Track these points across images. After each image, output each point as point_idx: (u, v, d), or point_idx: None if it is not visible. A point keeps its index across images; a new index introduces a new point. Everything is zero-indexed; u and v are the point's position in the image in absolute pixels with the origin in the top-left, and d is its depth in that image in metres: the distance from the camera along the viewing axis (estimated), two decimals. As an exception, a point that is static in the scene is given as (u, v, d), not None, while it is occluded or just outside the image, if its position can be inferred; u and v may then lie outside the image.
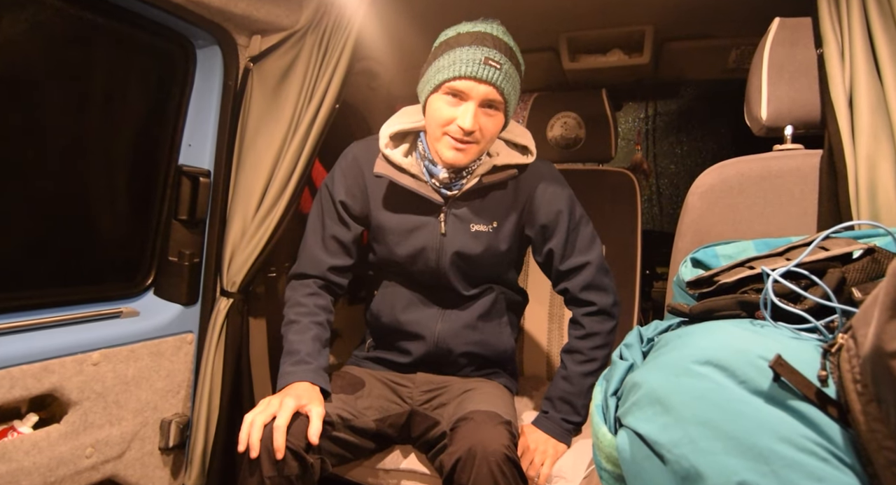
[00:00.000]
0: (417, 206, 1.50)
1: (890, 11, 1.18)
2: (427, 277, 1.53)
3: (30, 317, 1.39)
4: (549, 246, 1.54)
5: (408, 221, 1.50)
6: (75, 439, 1.43)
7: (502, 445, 1.23)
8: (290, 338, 1.46)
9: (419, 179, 1.48)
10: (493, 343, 1.58)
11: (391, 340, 1.59)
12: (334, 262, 1.54)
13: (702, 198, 1.31)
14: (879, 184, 1.11)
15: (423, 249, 1.50)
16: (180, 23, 1.59)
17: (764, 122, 1.29)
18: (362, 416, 1.42)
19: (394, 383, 1.56)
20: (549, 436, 1.46)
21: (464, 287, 1.54)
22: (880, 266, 0.86)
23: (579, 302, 1.55)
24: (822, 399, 0.64)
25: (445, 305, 1.56)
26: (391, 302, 1.57)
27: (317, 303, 1.52)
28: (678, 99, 3.16)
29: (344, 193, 1.53)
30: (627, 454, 0.78)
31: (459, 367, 1.58)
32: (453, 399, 1.47)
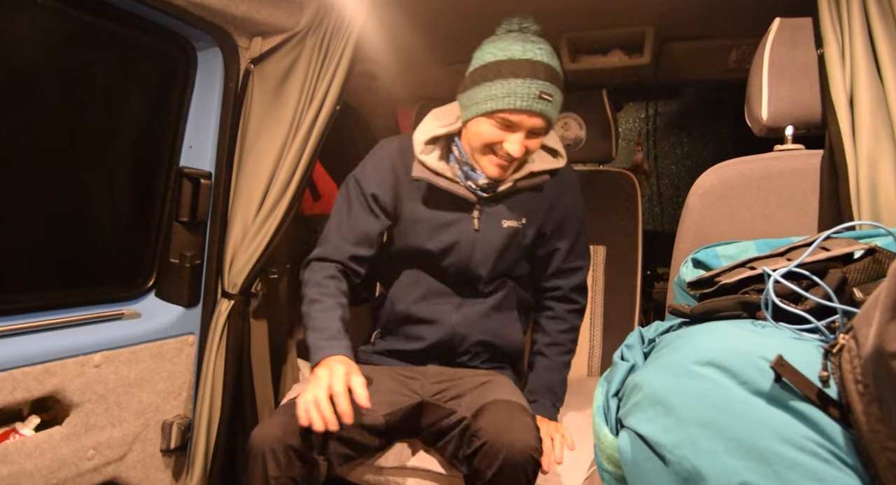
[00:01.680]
0: (452, 203, 1.56)
1: (890, 11, 1.18)
2: (454, 270, 1.58)
3: (31, 319, 1.39)
4: (557, 245, 1.65)
5: (441, 217, 1.56)
6: (77, 441, 1.43)
7: (529, 446, 1.24)
8: (315, 315, 1.45)
9: (454, 181, 1.54)
10: (507, 335, 1.63)
11: (404, 329, 1.62)
12: (357, 251, 1.57)
13: (702, 198, 1.31)
14: (880, 184, 1.11)
15: (455, 244, 1.56)
16: (181, 25, 1.59)
17: (764, 122, 1.29)
18: (371, 412, 1.41)
19: (403, 377, 1.57)
20: (549, 420, 1.52)
21: (485, 281, 1.60)
22: (881, 266, 0.86)
23: (567, 300, 1.69)
24: (823, 400, 0.64)
25: (463, 296, 1.61)
26: (408, 291, 1.61)
27: (338, 286, 1.53)
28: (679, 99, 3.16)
29: (375, 186, 1.57)
30: (629, 455, 0.78)
31: (472, 356, 1.61)
32: (470, 391, 1.48)
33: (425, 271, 1.61)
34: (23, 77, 1.40)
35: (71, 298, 1.52)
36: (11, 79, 1.37)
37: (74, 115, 1.54)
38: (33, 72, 1.42)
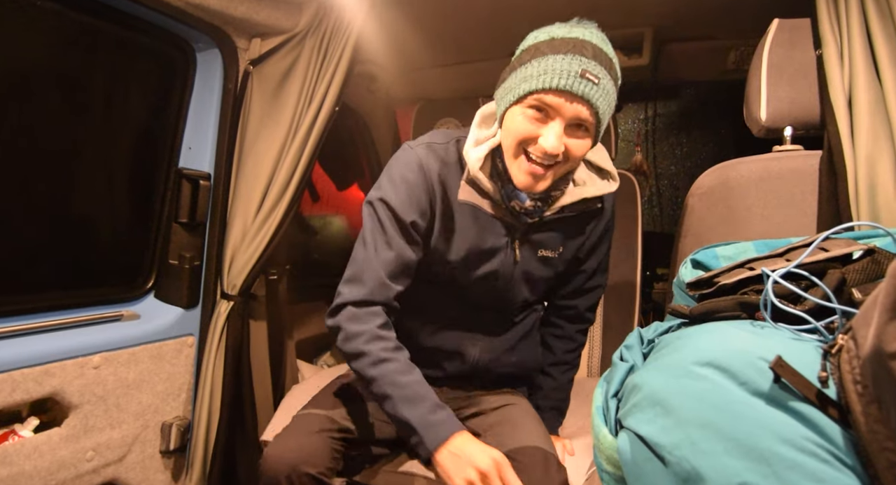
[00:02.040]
0: (493, 229, 1.34)
1: (889, 12, 1.18)
2: (488, 300, 1.42)
3: (31, 320, 1.39)
4: (585, 267, 1.49)
5: (481, 245, 1.34)
6: (76, 442, 1.43)
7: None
8: (399, 380, 1.20)
9: (498, 202, 1.31)
10: (530, 364, 1.54)
11: (421, 356, 1.33)
12: (398, 287, 1.30)
13: (702, 199, 1.31)
14: (879, 184, 1.11)
15: (493, 273, 1.37)
16: (180, 26, 1.59)
17: (763, 123, 1.29)
18: (386, 425, 1.38)
19: None
20: (552, 435, 1.49)
21: (516, 310, 1.48)
22: (880, 267, 0.86)
23: (580, 319, 1.56)
24: (822, 400, 0.64)
25: (489, 326, 1.47)
26: (430, 319, 1.44)
27: (395, 338, 1.28)
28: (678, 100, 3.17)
29: (413, 212, 1.29)
30: (628, 456, 0.78)
31: (492, 384, 1.53)
32: (489, 411, 1.44)
33: (452, 299, 1.42)
34: (22, 79, 1.40)
35: (70, 299, 1.52)
36: (11, 80, 1.37)
37: (74, 116, 1.54)
38: (33, 73, 1.42)
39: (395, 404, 1.18)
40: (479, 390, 1.52)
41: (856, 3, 1.20)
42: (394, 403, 1.19)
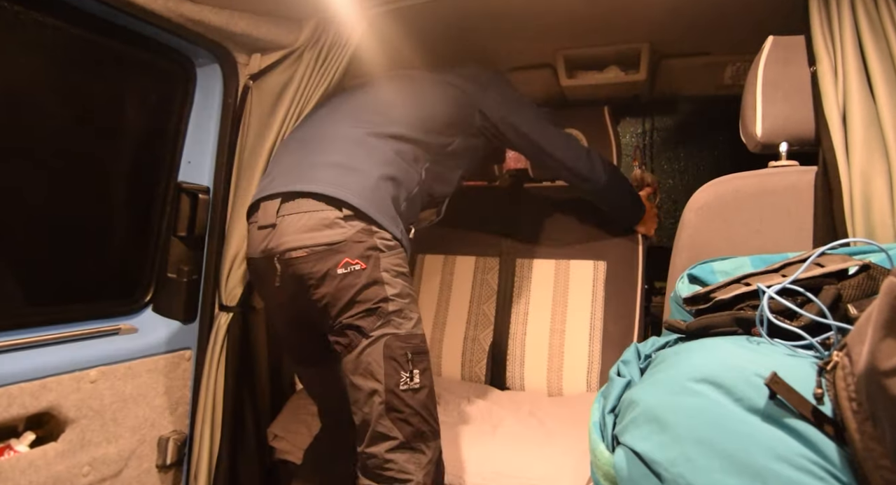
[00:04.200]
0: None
1: (882, 30, 1.19)
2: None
3: (28, 335, 1.39)
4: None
5: None
6: (72, 457, 1.42)
7: None
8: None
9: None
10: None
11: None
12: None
13: (698, 214, 1.32)
14: (874, 200, 1.12)
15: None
16: (181, 42, 1.60)
17: (759, 138, 1.30)
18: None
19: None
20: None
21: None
22: (876, 283, 0.86)
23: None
24: (818, 417, 0.64)
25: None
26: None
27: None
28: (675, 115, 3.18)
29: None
30: (625, 473, 0.78)
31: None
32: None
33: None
34: (23, 94, 1.41)
35: (68, 313, 1.52)
36: (12, 95, 1.38)
37: (74, 130, 1.54)
38: (34, 88, 1.43)
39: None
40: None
41: (849, 22, 1.22)
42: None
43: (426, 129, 1.55)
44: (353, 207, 1.32)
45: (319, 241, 1.30)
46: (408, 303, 1.36)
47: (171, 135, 1.72)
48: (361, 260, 1.30)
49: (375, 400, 1.28)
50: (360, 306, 1.29)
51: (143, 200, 1.71)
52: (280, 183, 1.40)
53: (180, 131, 1.73)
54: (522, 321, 2.10)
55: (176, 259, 1.71)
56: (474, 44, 1.98)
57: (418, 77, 1.70)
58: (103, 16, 1.44)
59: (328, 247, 1.29)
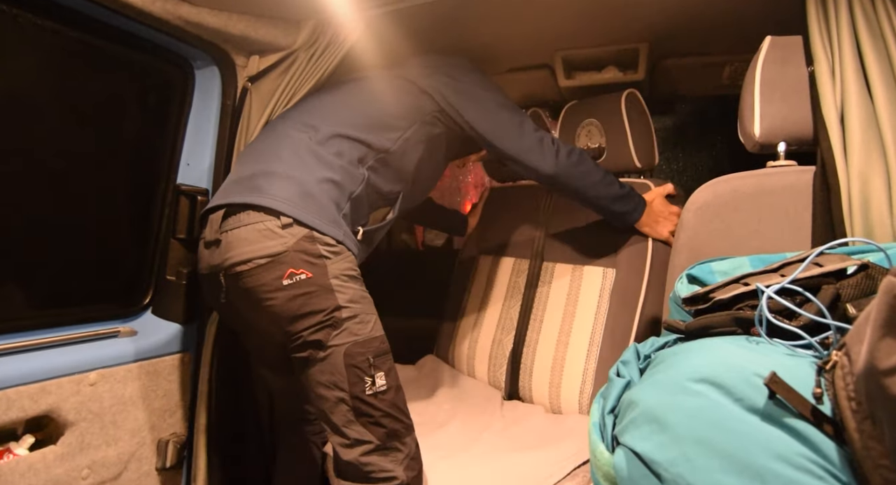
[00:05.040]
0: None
1: (879, 31, 1.19)
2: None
3: (27, 338, 1.38)
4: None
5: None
6: (72, 460, 1.42)
7: None
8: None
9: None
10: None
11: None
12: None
13: (696, 214, 1.32)
14: (872, 200, 1.12)
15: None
16: (179, 44, 1.60)
17: (757, 138, 1.30)
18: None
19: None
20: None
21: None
22: (874, 282, 0.86)
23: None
24: (817, 417, 0.65)
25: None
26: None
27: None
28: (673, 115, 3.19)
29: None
30: (625, 473, 0.78)
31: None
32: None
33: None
34: (21, 97, 1.41)
35: (67, 316, 1.52)
36: (9, 99, 1.38)
37: (72, 133, 1.54)
38: (31, 91, 1.43)
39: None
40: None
41: (847, 22, 1.22)
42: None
43: (370, 126, 1.52)
44: (290, 215, 1.30)
45: (261, 253, 1.28)
46: (362, 306, 1.35)
47: (170, 137, 1.72)
48: (306, 269, 1.28)
49: (343, 408, 1.29)
50: (312, 318, 1.28)
51: (141, 203, 1.71)
52: (224, 195, 1.40)
53: (179, 133, 1.73)
54: (538, 329, 1.95)
55: (175, 261, 1.71)
56: (472, 45, 1.98)
57: (371, 76, 1.69)
58: (101, 18, 1.44)
59: (270, 258, 1.27)
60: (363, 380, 1.29)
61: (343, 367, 1.28)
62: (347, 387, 1.28)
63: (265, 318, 1.31)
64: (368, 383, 1.29)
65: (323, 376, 1.30)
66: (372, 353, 1.31)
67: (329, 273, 1.30)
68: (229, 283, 1.34)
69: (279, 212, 1.30)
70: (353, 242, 1.41)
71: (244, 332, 1.54)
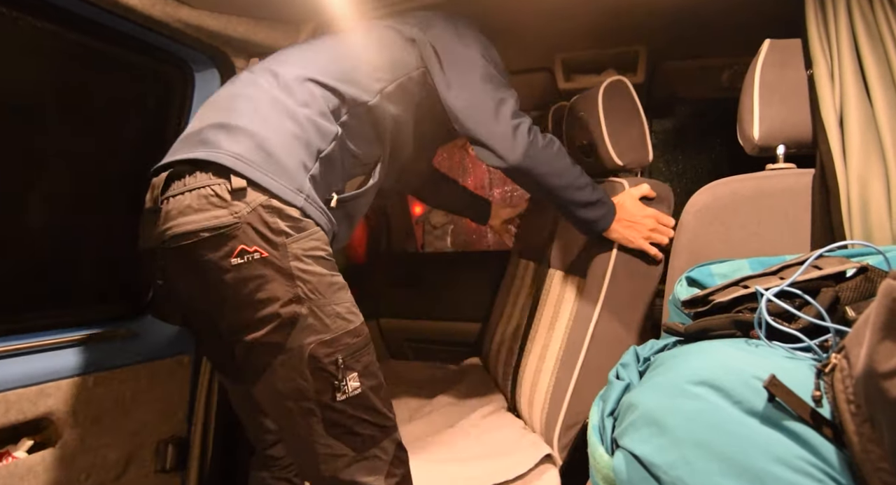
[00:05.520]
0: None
1: (878, 33, 1.20)
2: None
3: (27, 340, 1.38)
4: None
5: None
6: (71, 462, 1.42)
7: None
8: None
9: None
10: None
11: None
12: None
13: (696, 217, 1.32)
14: (871, 203, 1.12)
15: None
16: (179, 47, 1.60)
17: (756, 141, 1.30)
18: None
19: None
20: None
21: None
22: (873, 285, 0.86)
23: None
24: (816, 420, 0.65)
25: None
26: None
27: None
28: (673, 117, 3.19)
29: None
30: (624, 476, 0.78)
31: None
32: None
33: None
34: (20, 99, 1.41)
35: (66, 318, 1.52)
36: (8, 101, 1.38)
37: (71, 135, 1.54)
38: (31, 93, 1.43)
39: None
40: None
41: (845, 25, 1.22)
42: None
43: (346, 75, 1.29)
44: (244, 176, 1.06)
45: (205, 224, 1.04)
46: (331, 296, 1.12)
47: (170, 139, 1.71)
48: (261, 247, 1.05)
49: (311, 421, 1.10)
50: (264, 308, 1.06)
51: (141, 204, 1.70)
52: (170, 154, 1.19)
53: (179, 136, 1.72)
54: (531, 339, 1.80)
55: (174, 264, 1.71)
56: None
57: (358, 27, 1.48)
58: (102, 21, 1.44)
59: (217, 231, 1.04)
60: (332, 385, 1.09)
61: (308, 372, 1.08)
62: (314, 395, 1.08)
63: (209, 304, 1.11)
64: (337, 387, 1.09)
65: (282, 384, 1.09)
66: (342, 351, 1.10)
67: (290, 253, 1.07)
68: (167, 260, 1.11)
69: (230, 170, 1.06)
70: (322, 214, 1.17)
71: (190, 317, 1.32)
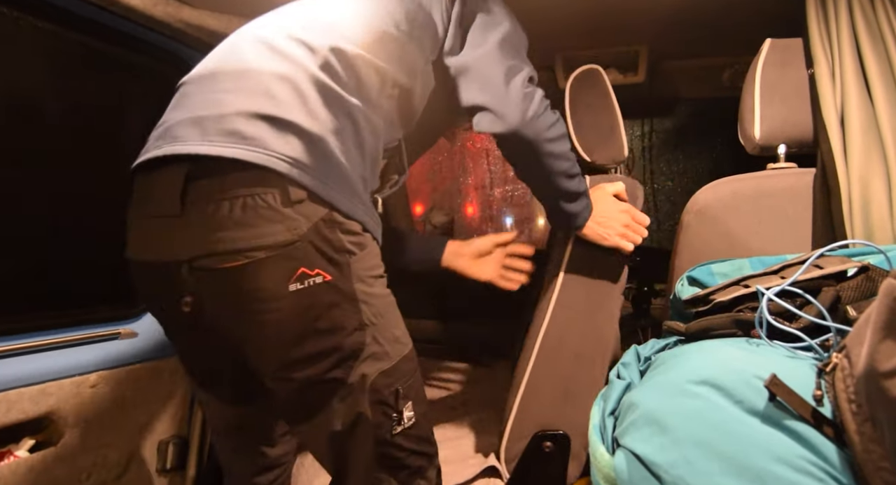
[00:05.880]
0: None
1: (878, 32, 1.20)
2: None
3: (27, 340, 1.38)
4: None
5: None
6: (72, 462, 1.42)
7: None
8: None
9: None
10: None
11: None
12: None
13: (697, 216, 1.32)
14: (873, 202, 1.12)
15: None
16: (178, 46, 1.60)
17: (757, 141, 1.30)
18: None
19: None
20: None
21: None
22: (874, 285, 0.86)
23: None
24: (817, 419, 0.65)
25: None
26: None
27: None
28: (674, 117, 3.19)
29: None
30: (625, 475, 0.78)
31: None
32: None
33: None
34: (19, 98, 1.41)
35: (67, 318, 1.52)
36: (8, 100, 1.38)
37: (70, 135, 1.54)
38: (30, 93, 1.43)
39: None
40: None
41: (846, 24, 1.22)
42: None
43: (385, 49, 1.05)
44: (304, 186, 0.87)
45: (257, 242, 0.85)
46: (390, 317, 0.99)
47: (171, 139, 1.72)
48: (323, 269, 0.88)
49: (363, 457, 0.96)
50: (326, 341, 0.90)
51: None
52: (181, 136, 0.94)
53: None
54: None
55: (175, 263, 1.70)
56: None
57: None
58: (104, 21, 1.44)
59: (273, 251, 0.85)
60: (390, 418, 0.96)
61: (367, 405, 0.94)
62: (372, 430, 0.94)
63: (252, 336, 0.91)
64: (396, 420, 0.96)
65: (341, 423, 0.93)
66: (401, 380, 0.97)
67: (354, 275, 0.91)
68: (201, 283, 0.89)
69: (288, 178, 0.86)
70: (375, 221, 1.01)
71: (202, 350, 1.07)
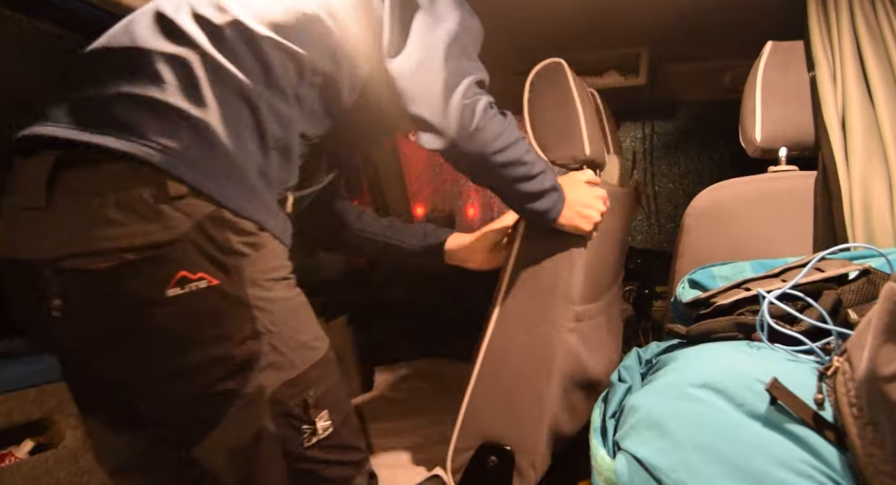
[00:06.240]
0: None
1: (880, 36, 1.19)
2: None
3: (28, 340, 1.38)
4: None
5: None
6: (73, 463, 1.42)
7: None
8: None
9: None
10: None
11: None
12: None
13: (698, 219, 1.32)
14: (874, 205, 1.12)
15: None
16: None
17: (758, 143, 1.30)
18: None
19: None
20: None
21: None
22: (876, 288, 0.86)
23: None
24: (818, 423, 0.65)
25: None
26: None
27: None
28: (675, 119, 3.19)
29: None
30: (626, 478, 0.78)
31: None
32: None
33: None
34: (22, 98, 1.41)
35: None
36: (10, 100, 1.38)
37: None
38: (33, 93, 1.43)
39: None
40: None
41: (847, 27, 1.22)
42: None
43: (300, 30, 0.92)
44: (184, 181, 0.77)
45: (129, 242, 0.74)
46: (297, 318, 0.90)
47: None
48: (208, 272, 0.78)
49: (276, 475, 0.86)
50: (212, 350, 0.80)
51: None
52: (53, 116, 0.85)
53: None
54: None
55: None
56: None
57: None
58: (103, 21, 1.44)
59: (146, 252, 0.75)
60: (299, 431, 0.86)
61: (270, 420, 0.84)
62: (280, 446, 0.85)
63: (126, 346, 0.81)
64: (308, 432, 0.87)
65: (237, 439, 0.84)
66: (311, 388, 0.87)
67: (245, 278, 0.81)
68: (68, 286, 0.78)
69: (165, 171, 0.76)
70: (281, 221, 0.91)
71: (76, 362, 0.95)
